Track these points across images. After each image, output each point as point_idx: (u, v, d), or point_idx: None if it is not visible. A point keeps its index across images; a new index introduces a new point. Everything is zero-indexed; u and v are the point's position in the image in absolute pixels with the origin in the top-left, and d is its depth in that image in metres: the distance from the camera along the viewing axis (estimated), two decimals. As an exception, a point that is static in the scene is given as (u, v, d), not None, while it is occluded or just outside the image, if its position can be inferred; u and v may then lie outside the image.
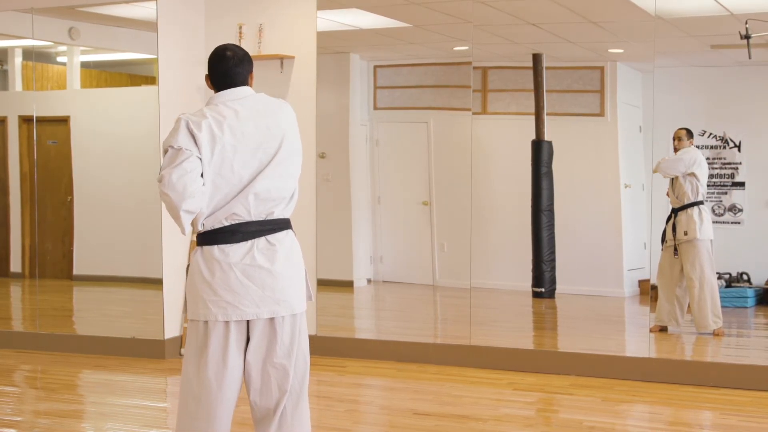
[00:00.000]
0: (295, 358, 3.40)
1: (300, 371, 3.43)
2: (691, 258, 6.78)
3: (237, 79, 3.42)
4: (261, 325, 3.36)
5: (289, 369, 3.39)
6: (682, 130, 6.90)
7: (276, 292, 3.34)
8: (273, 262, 3.35)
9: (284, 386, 3.39)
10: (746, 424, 5.10)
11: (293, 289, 3.40)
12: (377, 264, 7.98)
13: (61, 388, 6.12)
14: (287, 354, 3.38)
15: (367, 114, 7.88)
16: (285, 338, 3.38)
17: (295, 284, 3.41)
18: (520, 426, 5.03)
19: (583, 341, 6.75)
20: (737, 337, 7.14)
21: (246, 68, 3.44)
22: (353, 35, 7.56)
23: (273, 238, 3.37)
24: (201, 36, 7.15)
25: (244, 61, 3.44)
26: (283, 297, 3.36)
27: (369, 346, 6.76)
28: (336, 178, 7.41)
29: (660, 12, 6.26)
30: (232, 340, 3.34)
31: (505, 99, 7.84)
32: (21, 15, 7.25)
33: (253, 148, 3.32)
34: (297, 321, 3.43)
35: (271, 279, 3.34)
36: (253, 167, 3.32)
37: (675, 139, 6.91)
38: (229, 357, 3.33)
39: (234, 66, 3.40)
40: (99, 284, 7.87)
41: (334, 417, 5.22)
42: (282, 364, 3.37)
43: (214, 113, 3.32)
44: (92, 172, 7.72)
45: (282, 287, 3.36)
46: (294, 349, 3.40)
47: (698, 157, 6.90)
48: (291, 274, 3.40)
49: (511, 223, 7.75)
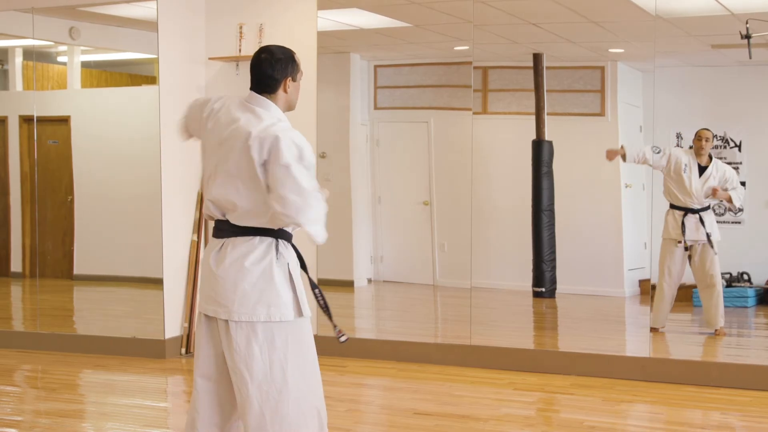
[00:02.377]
0: (259, 368, 3.30)
1: (266, 388, 3.31)
2: (710, 257, 6.82)
3: (259, 83, 3.42)
4: (222, 324, 3.39)
5: (245, 376, 3.31)
6: (709, 131, 6.93)
7: (218, 295, 3.36)
8: (218, 265, 3.36)
9: (243, 391, 3.33)
10: (747, 423, 5.10)
11: (236, 295, 3.31)
12: (377, 264, 7.98)
13: (62, 388, 6.12)
14: (243, 360, 3.31)
15: (368, 114, 7.88)
16: (240, 343, 3.31)
17: (241, 292, 3.30)
18: (521, 426, 5.03)
19: (583, 341, 6.75)
20: (738, 337, 7.15)
21: (266, 72, 3.41)
22: (353, 35, 7.56)
23: (238, 241, 3.34)
24: (201, 36, 7.15)
25: (264, 64, 3.42)
26: (224, 302, 3.33)
27: (369, 346, 6.76)
28: (336, 178, 7.41)
29: (660, 12, 6.26)
30: (204, 332, 3.46)
31: (506, 99, 7.84)
32: (21, 15, 7.25)
33: (219, 151, 3.35)
34: (258, 331, 3.31)
35: (215, 280, 3.36)
36: (213, 169, 3.37)
37: (704, 140, 6.88)
38: (202, 347, 3.47)
39: (253, 67, 3.45)
40: (99, 284, 7.87)
41: (334, 417, 5.21)
42: (238, 368, 3.34)
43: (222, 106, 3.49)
44: (93, 172, 7.72)
45: (223, 291, 3.34)
46: (255, 359, 3.30)
47: None
48: (235, 281, 3.32)
49: (511, 223, 7.75)
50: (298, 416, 3.36)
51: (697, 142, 6.89)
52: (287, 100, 3.44)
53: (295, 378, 3.35)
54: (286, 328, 3.34)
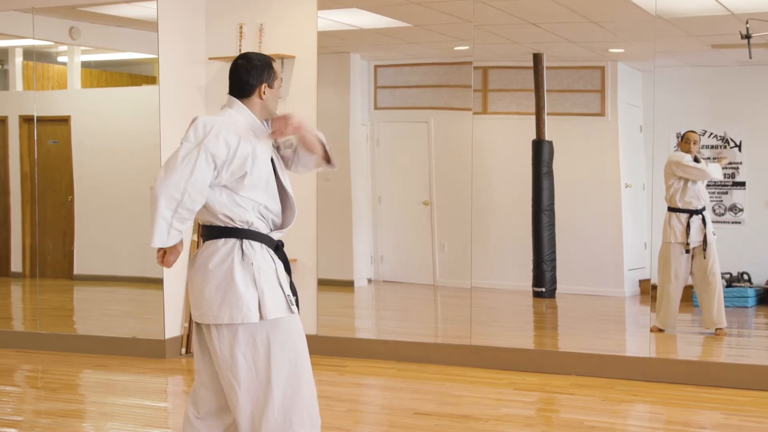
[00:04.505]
0: (244, 374, 3.32)
1: (254, 398, 3.32)
2: (712, 257, 6.84)
3: (232, 88, 3.55)
4: (205, 329, 3.43)
5: (233, 383, 3.33)
6: (695, 134, 6.95)
7: (195, 299, 3.42)
8: (189, 269, 3.46)
9: (233, 398, 3.35)
10: (747, 424, 5.10)
11: (203, 298, 3.35)
12: (378, 264, 7.98)
13: (62, 388, 6.12)
14: (228, 367, 3.33)
15: (368, 114, 7.88)
16: (223, 349, 3.33)
17: (207, 294, 3.34)
18: (521, 426, 5.03)
19: (583, 341, 6.75)
20: (738, 337, 7.15)
21: (242, 78, 3.53)
22: (354, 35, 7.56)
23: (204, 244, 3.44)
24: (201, 36, 7.15)
25: (239, 71, 3.53)
26: (195, 305, 3.41)
27: (369, 346, 6.76)
28: (336, 178, 7.41)
29: (660, 12, 6.26)
30: (195, 338, 3.53)
31: (506, 99, 7.84)
32: (21, 15, 7.25)
33: None
34: (239, 335, 3.32)
35: (191, 285, 3.44)
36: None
37: (691, 142, 6.90)
38: (196, 355, 3.54)
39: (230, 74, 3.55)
40: (99, 284, 7.88)
41: (334, 417, 5.22)
42: (225, 375, 3.36)
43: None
44: (93, 172, 7.72)
45: (192, 295, 3.43)
46: (240, 365, 3.31)
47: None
48: (201, 284, 3.37)
49: (511, 223, 7.75)
50: (285, 422, 3.32)
51: (685, 145, 6.90)
52: (263, 106, 3.50)
53: (280, 383, 3.32)
54: (266, 329, 3.32)
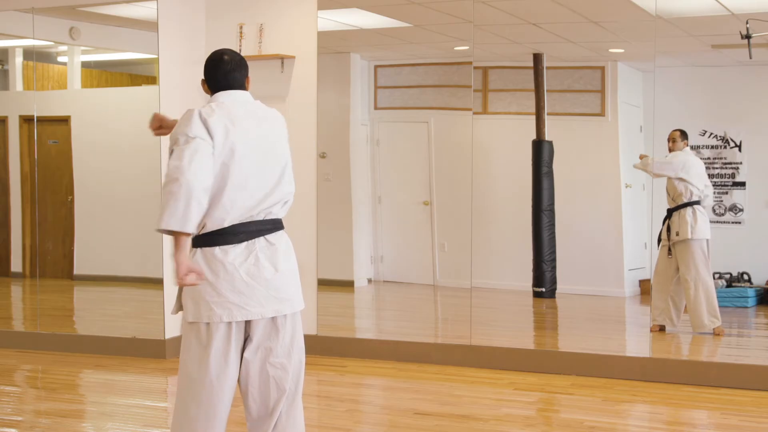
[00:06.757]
0: (292, 357, 3.44)
1: (296, 371, 3.45)
2: (685, 258, 6.77)
3: (235, 83, 3.47)
4: (263, 324, 3.38)
5: (288, 368, 3.41)
6: (676, 132, 6.88)
7: (280, 291, 3.38)
8: (275, 262, 3.38)
9: (283, 385, 3.41)
10: (746, 424, 5.10)
11: (294, 287, 3.45)
12: (378, 264, 7.98)
13: (62, 388, 6.12)
14: (287, 353, 3.42)
15: (368, 114, 7.88)
16: (286, 337, 3.42)
17: (295, 282, 3.46)
18: (521, 426, 5.03)
19: (583, 341, 6.75)
20: (737, 337, 7.15)
21: (243, 73, 3.49)
22: (354, 35, 7.56)
23: (272, 237, 3.40)
24: (201, 36, 7.16)
25: (242, 66, 3.49)
26: (286, 295, 3.40)
27: (369, 346, 6.76)
28: (336, 177, 7.41)
29: (660, 12, 6.26)
30: (233, 341, 3.36)
31: (506, 99, 7.85)
32: (21, 15, 7.25)
33: (256, 150, 3.35)
34: (297, 319, 3.48)
35: (275, 278, 3.37)
36: (254, 169, 3.33)
37: (669, 141, 6.88)
38: (230, 358, 3.36)
39: (232, 70, 3.45)
40: (99, 284, 7.88)
41: (334, 417, 5.22)
42: (282, 362, 3.40)
43: (223, 110, 3.35)
44: (93, 172, 7.72)
45: (285, 285, 3.40)
46: (294, 348, 3.44)
47: (688, 161, 6.84)
48: (290, 272, 3.44)
49: (511, 223, 7.76)
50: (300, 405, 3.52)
51: (668, 143, 6.91)
52: None
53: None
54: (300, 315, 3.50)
